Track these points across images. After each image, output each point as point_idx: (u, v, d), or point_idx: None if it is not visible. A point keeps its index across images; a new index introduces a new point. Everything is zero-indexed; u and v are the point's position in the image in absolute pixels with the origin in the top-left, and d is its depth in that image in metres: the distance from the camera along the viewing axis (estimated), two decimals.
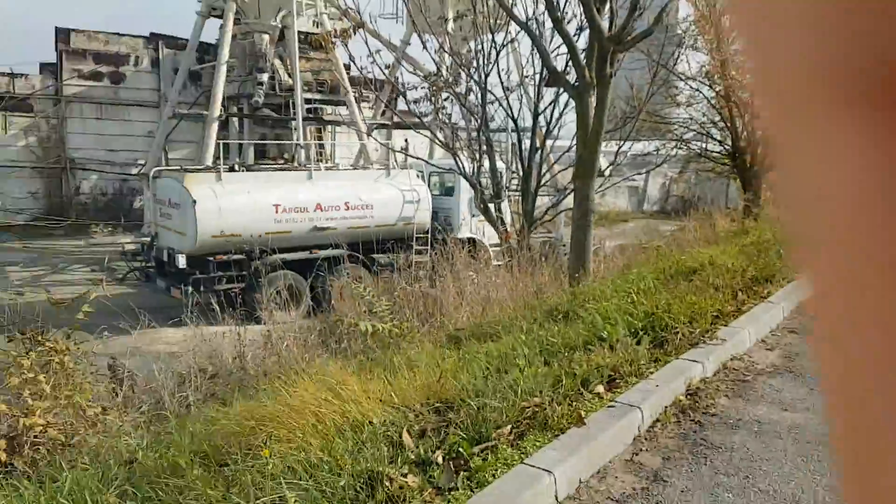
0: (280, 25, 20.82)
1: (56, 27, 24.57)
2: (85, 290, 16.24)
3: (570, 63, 9.05)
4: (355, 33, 10.64)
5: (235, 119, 23.33)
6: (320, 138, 25.31)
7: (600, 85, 8.14)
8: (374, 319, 5.54)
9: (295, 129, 20.06)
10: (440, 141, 11.10)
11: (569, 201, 12.17)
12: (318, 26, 22.28)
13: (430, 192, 15.87)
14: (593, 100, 8.22)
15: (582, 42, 9.26)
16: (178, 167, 14.66)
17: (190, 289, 13.03)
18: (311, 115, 23.17)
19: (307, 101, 23.15)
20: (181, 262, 12.98)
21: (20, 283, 16.29)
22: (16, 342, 4.69)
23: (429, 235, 15.80)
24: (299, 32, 21.04)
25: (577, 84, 8.59)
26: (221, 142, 15.51)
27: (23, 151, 24.31)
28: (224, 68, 18.52)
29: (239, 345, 5.78)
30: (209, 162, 16.48)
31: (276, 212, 13.93)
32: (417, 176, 15.76)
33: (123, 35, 26.13)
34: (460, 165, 10.84)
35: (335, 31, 12.57)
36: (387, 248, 14.86)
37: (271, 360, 5.40)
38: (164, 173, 14.24)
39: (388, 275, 13.10)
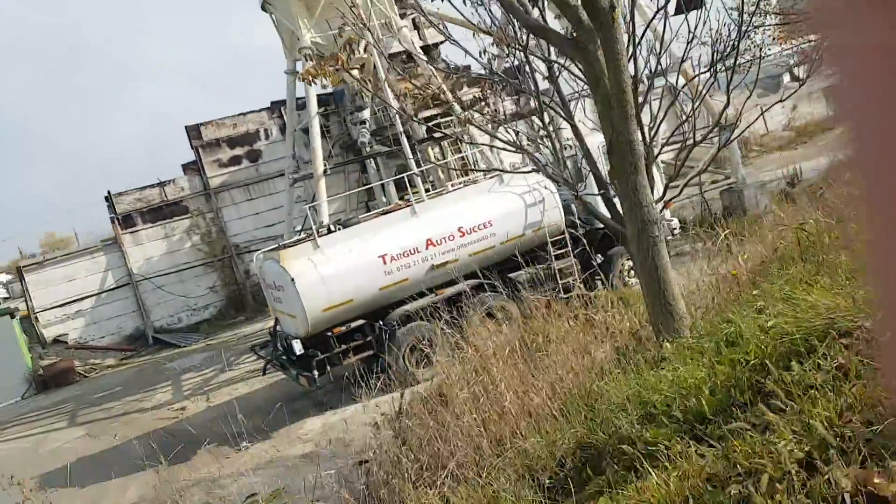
0: (367, 55, 19.40)
1: (186, 126, 25.50)
2: (243, 386, 16.00)
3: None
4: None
5: (372, 160, 22.37)
6: (459, 150, 23.56)
7: (603, 28, 5.34)
8: None
9: (408, 157, 18.53)
10: (503, 140, 8.67)
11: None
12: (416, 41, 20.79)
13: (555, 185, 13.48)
14: (601, 54, 5.47)
15: None
16: (277, 244, 13.69)
17: (316, 373, 11.90)
18: (432, 137, 21.59)
19: (426, 119, 21.60)
20: (297, 347, 11.85)
21: (189, 392, 16.39)
22: None
23: (565, 235, 13.41)
24: (395, 54, 19.62)
25: (572, 35, 5.81)
26: (349, 193, 14.27)
27: (191, 252, 25.43)
28: (316, 121, 17.49)
29: None
30: (326, 221, 15.41)
31: (385, 262, 12.39)
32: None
33: (247, 113, 26.60)
34: (536, 161, 8.43)
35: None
36: (527, 261, 12.70)
37: None
38: (266, 255, 13.30)
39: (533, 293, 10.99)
